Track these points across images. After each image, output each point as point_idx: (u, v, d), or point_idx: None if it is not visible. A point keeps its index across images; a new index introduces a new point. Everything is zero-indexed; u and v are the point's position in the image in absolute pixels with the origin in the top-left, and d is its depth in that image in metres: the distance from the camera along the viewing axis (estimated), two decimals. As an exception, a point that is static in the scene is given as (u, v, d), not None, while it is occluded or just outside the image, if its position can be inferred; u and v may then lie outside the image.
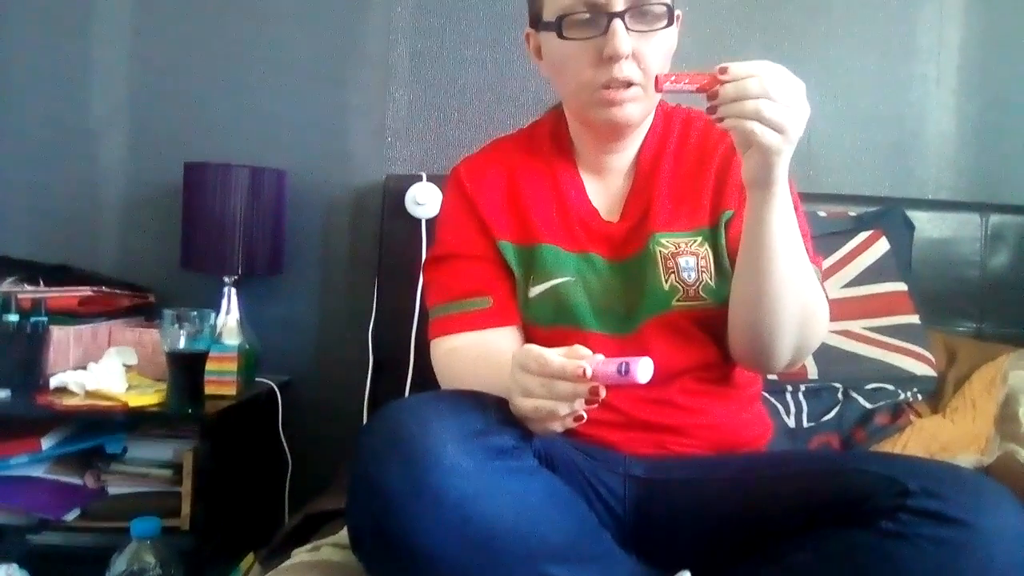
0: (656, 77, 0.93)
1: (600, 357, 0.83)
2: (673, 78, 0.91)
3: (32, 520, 1.59)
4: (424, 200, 1.86)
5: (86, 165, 2.06)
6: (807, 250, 1.02)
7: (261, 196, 1.88)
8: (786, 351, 1.01)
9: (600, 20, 1.00)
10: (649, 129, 1.14)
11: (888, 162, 2.02)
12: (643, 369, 0.80)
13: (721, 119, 0.88)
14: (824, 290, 1.04)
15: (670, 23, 1.03)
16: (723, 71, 0.87)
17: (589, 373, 0.81)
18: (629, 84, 1.02)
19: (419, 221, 1.87)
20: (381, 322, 1.91)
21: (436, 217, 1.74)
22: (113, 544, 1.30)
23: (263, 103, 2.03)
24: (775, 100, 0.85)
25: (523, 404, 0.86)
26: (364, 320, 1.92)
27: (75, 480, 1.64)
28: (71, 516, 1.59)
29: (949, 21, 2.01)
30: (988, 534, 0.78)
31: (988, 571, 0.78)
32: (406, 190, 1.87)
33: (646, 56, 1.01)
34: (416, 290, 1.82)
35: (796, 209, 0.98)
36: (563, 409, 0.84)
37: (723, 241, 1.08)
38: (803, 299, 0.98)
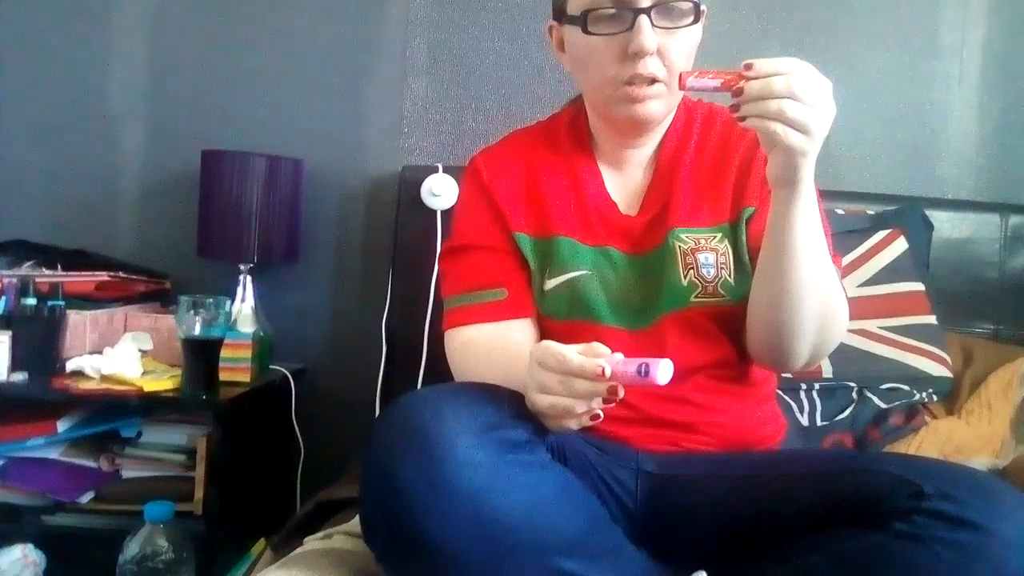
0: (680, 74, 0.91)
1: (619, 356, 0.82)
2: (696, 74, 0.89)
3: (47, 501, 1.61)
4: (440, 191, 1.85)
5: (105, 152, 2.07)
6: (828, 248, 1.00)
7: (278, 185, 1.88)
8: (805, 351, 1.00)
9: (626, 16, 0.99)
10: (671, 124, 1.13)
11: (908, 161, 2.00)
12: (663, 371, 0.79)
13: (744, 118, 0.86)
14: (844, 290, 1.03)
15: (696, 20, 1.02)
16: (748, 68, 0.85)
17: (608, 372, 0.80)
18: (653, 80, 1.01)
19: (435, 212, 1.87)
20: (395, 312, 1.91)
21: (452, 208, 1.75)
22: (126, 527, 1.32)
23: (281, 92, 2.04)
24: (800, 100, 0.83)
25: (540, 401, 0.85)
26: (378, 310, 1.92)
27: (90, 463, 1.65)
28: (85, 498, 1.62)
29: (973, 20, 1.99)
30: (1003, 538, 0.78)
31: (1002, 575, 0.77)
32: (422, 181, 1.87)
33: (671, 53, 1.00)
34: (430, 281, 1.82)
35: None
36: (580, 407, 0.84)
37: (743, 238, 1.07)
38: (824, 299, 0.97)
